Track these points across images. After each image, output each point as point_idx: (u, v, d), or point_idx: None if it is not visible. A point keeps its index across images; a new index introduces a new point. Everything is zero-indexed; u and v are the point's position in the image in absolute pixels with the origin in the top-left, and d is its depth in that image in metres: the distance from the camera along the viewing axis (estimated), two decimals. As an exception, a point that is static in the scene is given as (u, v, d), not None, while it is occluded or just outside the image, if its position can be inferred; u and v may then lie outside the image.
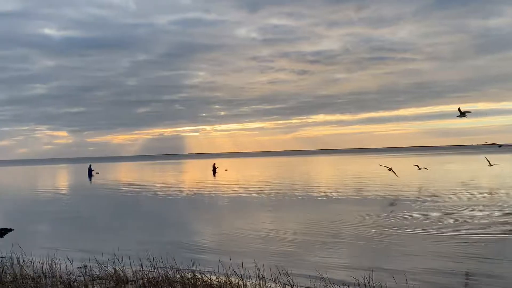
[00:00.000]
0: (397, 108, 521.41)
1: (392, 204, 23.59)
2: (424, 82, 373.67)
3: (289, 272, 9.52)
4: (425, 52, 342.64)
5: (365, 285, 8.84)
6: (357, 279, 9.09)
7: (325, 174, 55.20)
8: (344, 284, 9.45)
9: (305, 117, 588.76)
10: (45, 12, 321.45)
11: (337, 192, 30.17)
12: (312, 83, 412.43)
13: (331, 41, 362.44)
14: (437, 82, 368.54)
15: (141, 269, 10.45)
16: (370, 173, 52.19)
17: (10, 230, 19.05)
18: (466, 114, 16.29)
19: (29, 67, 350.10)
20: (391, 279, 9.50)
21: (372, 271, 9.89)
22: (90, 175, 65.57)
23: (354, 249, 13.81)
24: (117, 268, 10.32)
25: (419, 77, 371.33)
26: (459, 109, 16.11)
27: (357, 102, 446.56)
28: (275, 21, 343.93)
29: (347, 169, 64.74)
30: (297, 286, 8.96)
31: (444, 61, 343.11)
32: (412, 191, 29.58)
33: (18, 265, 11.07)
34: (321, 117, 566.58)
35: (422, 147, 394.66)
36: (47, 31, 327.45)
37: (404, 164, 45.07)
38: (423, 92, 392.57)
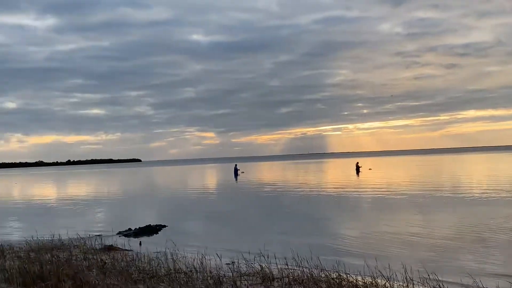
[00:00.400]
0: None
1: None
2: None
3: (438, 277, 9.13)
4: None
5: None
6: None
7: (476, 173, 52.07)
8: (499, 291, 8.92)
9: (454, 113, 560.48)
10: (194, 18, 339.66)
11: (489, 193, 28.32)
12: (462, 77, 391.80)
13: (482, 33, 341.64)
14: None
15: (286, 267, 10.60)
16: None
17: (164, 226, 20.25)
18: None
19: (180, 72, 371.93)
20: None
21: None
22: (236, 174, 67.72)
23: (507, 255, 12.91)
24: (263, 265, 10.56)
25: None
26: None
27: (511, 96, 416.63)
28: (420, 14, 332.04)
29: (500, 167, 60.54)
30: (447, 291, 8.57)
31: None
32: None
33: (171, 259, 11.74)
34: (471, 113, 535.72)
35: None
36: (195, 36, 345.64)
37: None
38: None
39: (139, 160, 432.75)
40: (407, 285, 8.78)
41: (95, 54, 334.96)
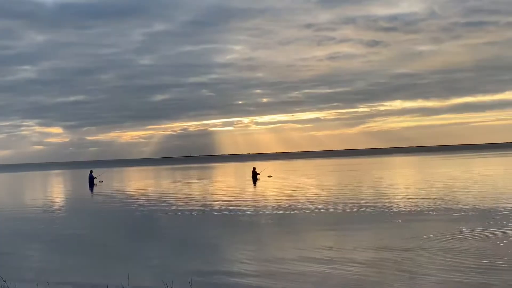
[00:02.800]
0: (501, 91, 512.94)
1: (492, 219, 23.13)
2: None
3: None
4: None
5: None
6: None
7: (404, 180, 54.52)
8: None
9: (376, 104, 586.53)
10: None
11: (419, 205, 29.82)
12: (387, 58, 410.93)
13: (413, 1, 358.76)
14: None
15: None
16: (467, 178, 51.20)
17: (-11, 256, 19.56)
18: None
19: (13, 44, 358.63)
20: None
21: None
22: (92, 184, 66.68)
23: (440, 281, 13.64)
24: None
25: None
26: None
27: (447, 82, 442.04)
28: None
29: (433, 173, 63.77)
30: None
31: None
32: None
33: (-1, 301, 11.35)
34: (398, 104, 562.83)
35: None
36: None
37: None
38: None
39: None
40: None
41: None
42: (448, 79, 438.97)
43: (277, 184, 54.79)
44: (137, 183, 74.60)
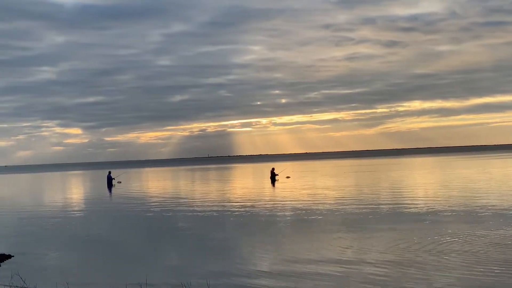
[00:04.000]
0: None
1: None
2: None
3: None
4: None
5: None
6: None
7: (423, 182, 54.25)
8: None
9: (395, 105, 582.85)
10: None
11: (440, 207, 29.71)
12: (405, 59, 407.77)
13: (432, 1, 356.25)
14: None
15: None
16: (487, 179, 50.87)
17: (9, 256, 19.73)
18: None
19: (33, 45, 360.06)
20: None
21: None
22: (110, 184, 66.96)
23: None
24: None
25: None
26: None
27: (467, 83, 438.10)
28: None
29: (453, 174, 63.42)
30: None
31: None
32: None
33: (18, 301, 11.46)
34: (417, 105, 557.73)
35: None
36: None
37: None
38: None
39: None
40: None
41: None
42: (468, 79, 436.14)
43: (296, 185, 54.73)
44: (155, 184, 74.74)
